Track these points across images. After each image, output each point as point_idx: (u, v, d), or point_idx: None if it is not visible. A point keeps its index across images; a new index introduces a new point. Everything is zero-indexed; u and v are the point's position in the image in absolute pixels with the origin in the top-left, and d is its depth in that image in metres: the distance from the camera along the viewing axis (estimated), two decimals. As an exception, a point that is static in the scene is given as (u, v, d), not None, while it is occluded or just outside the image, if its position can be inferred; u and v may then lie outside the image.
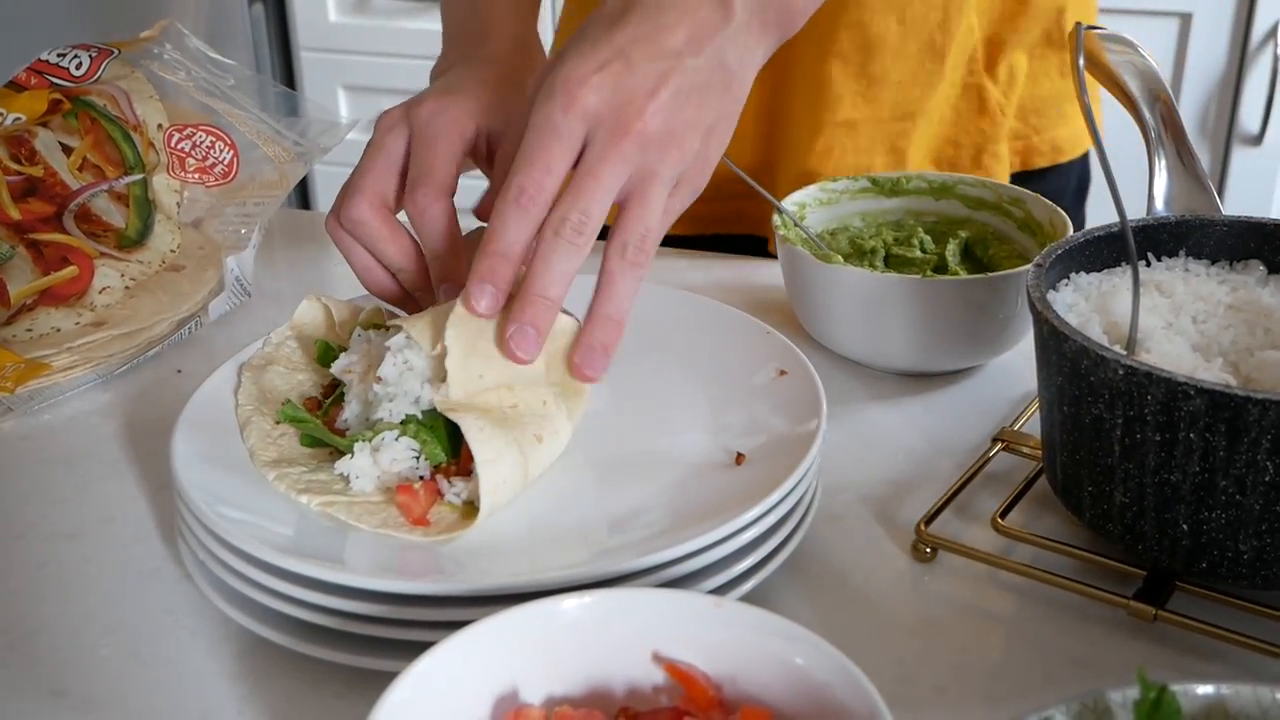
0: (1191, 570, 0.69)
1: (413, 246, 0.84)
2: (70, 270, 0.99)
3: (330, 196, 3.27)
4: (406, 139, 0.85)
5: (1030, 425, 0.86)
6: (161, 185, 1.08)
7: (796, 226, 1.00)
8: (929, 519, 0.77)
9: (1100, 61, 0.86)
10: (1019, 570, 0.74)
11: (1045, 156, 1.28)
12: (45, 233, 1.00)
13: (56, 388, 0.95)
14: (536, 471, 0.74)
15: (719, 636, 0.56)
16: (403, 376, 0.74)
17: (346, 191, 0.84)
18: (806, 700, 0.53)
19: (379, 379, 0.75)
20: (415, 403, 0.74)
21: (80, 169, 1.06)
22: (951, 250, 1.00)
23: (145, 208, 1.06)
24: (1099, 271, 0.80)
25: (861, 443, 0.88)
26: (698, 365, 0.87)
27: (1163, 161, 0.85)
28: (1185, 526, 0.67)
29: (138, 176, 1.06)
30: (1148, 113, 0.86)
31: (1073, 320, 0.74)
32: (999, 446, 0.84)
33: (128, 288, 1.02)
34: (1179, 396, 0.63)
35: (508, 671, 0.56)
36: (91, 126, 1.07)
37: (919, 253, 1.00)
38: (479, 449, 0.70)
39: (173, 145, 1.08)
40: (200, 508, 0.70)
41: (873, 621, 0.72)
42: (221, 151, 1.10)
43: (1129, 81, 0.86)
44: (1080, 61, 0.77)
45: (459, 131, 0.85)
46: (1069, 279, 0.79)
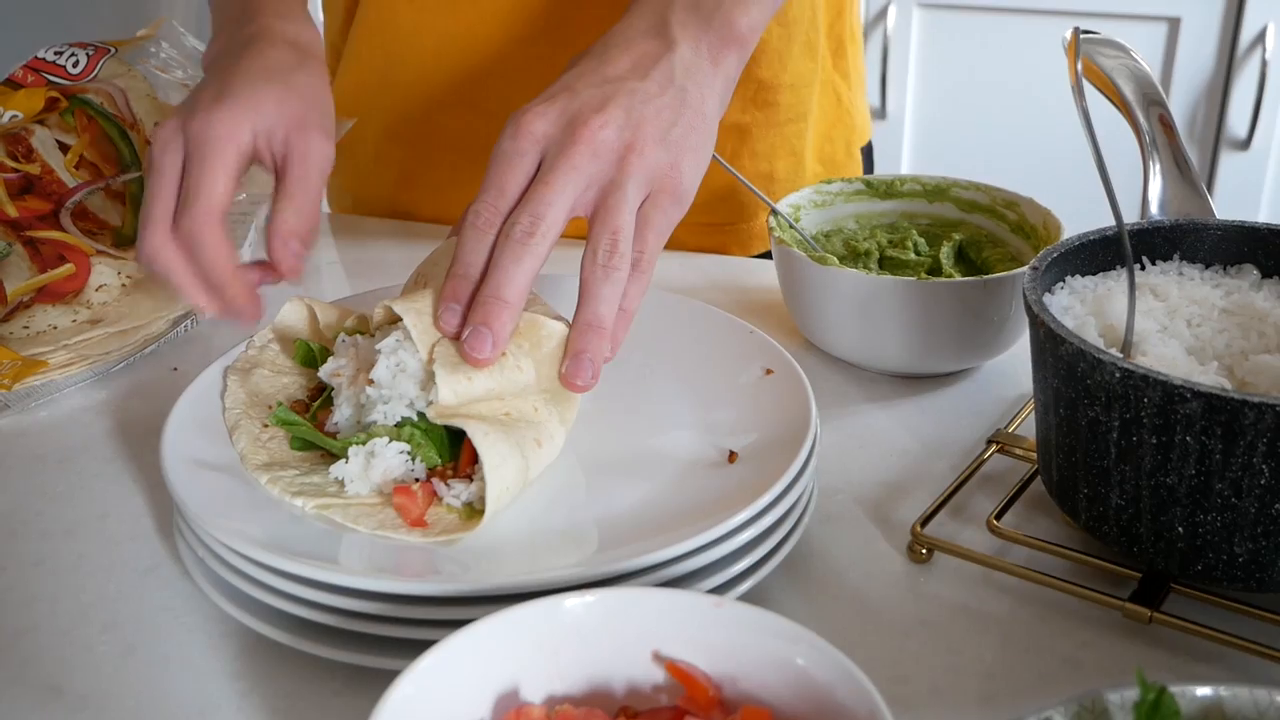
0: (1187, 572, 0.69)
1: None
2: (67, 268, 0.99)
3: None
4: (182, 155, 0.83)
5: (1025, 427, 0.87)
6: (157, 183, 1.07)
7: (791, 228, 1.00)
8: (925, 520, 0.78)
9: (1094, 67, 0.86)
10: (1014, 572, 0.74)
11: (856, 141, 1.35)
12: (42, 230, 1.00)
13: (53, 385, 0.95)
14: (534, 475, 0.74)
15: (719, 636, 0.56)
16: (396, 379, 0.75)
17: (141, 222, 0.83)
18: (807, 700, 0.54)
19: (371, 381, 0.75)
20: (410, 405, 0.74)
21: (77, 167, 1.06)
22: (945, 253, 1.00)
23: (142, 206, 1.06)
24: (1094, 275, 0.81)
25: (857, 444, 0.89)
26: (684, 366, 0.87)
27: (1157, 166, 0.85)
28: (1181, 529, 0.68)
29: (134, 174, 1.06)
30: (1142, 117, 0.86)
31: (1069, 323, 0.75)
32: (994, 448, 0.85)
33: (124, 285, 1.02)
34: (1175, 399, 0.64)
35: (509, 670, 0.56)
36: (88, 124, 1.07)
37: (913, 255, 1.00)
38: (486, 453, 0.70)
39: (169, 143, 1.07)
40: (193, 511, 0.70)
41: (868, 622, 0.72)
42: (217, 150, 1.09)
43: (1123, 86, 0.87)
44: (1079, 67, 0.78)
45: (232, 145, 0.83)
46: (1065, 282, 0.79)
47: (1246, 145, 2.37)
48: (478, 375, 0.74)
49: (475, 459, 0.73)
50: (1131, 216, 0.81)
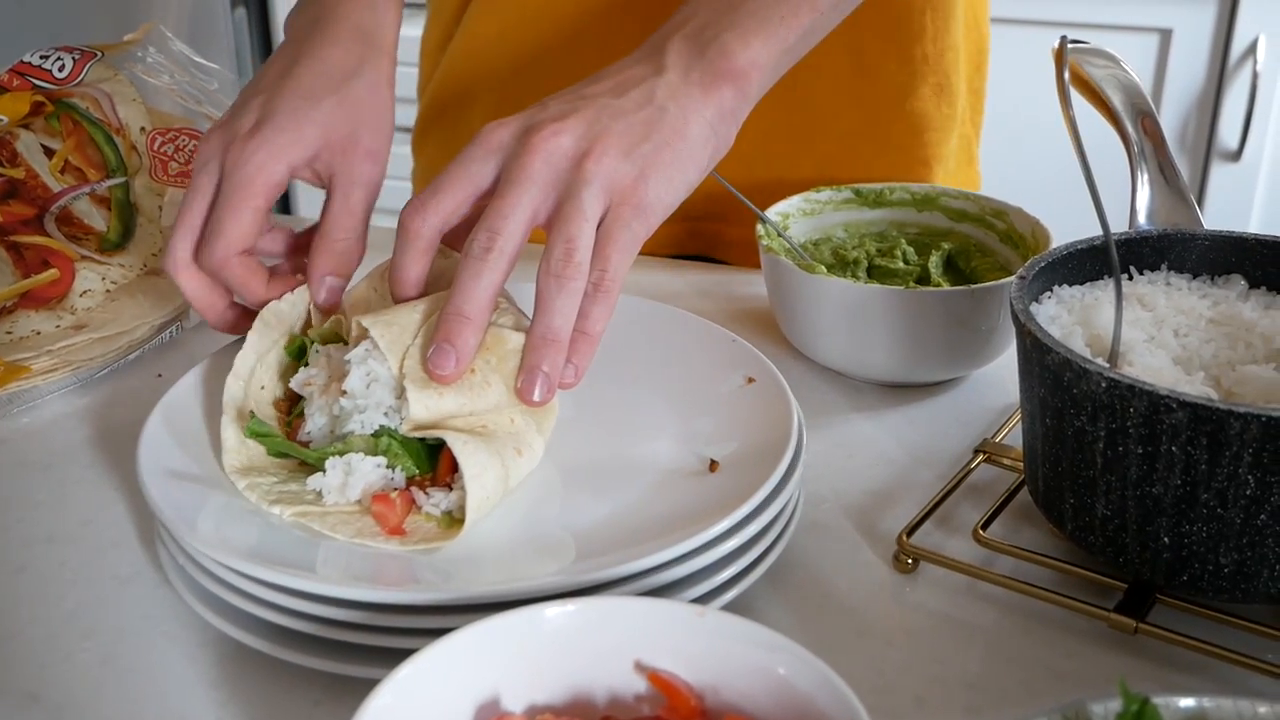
0: (1172, 583, 0.69)
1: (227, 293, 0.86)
2: (51, 273, 0.99)
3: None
4: (217, 180, 0.84)
5: (1012, 437, 0.86)
6: (143, 189, 1.07)
7: (780, 236, 1.00)
8: (910, 530, 0.77)
9: (1083, 76, 0.86)
10: (1000, 582, 0.74)
11: None
12: (26, 235, 1.00)
13: (36, 390, 0.94)
14: (514, 483, 0.74)
15: (701, 646, 0.56)
16: (370, 388, 0.74)
17: (171, 235, 0.84)
18: (788, 710, 0.53)
19: (344, 392, 0.75)
20: (387, 414, 0.74)
21: (62, 171, 1.05)
22: (934, 262, 1.00)
23: (127, 211, 1.06)
24: (1082, 284, 0.80)
25: (843, 453, 0.88)
26: (664, 374, 0.86)
27: (1145, 175, 0.85)
28: (1166, 539, 0.67)
29: (120, 179, 1.06)
30: (1130, 127, 0.86)
31: (1055, 333, 0.74)
32: (981, 458, 0.84)
33: (109, 291, 1.02)
34: (1161, 410, 0.64)
35: (489, 679, 0.55)
36: (74, 129, 1.06)
37: (902, 264, 1.00)
38: (465, 462, 0.70)
39: (155, 148, 1.07)
40: (170, 519, 0.69)
41: (853, 632, 0.72)
42: (204, 155, 1.09)
43: (1112, 96, 0.86)
44: (1065, 76, 0.77)
45: (263, 182, 0.83)
46: (1052, 291, 0.79)
47: (1237, 156, 2.38)
48: (447, 390, 0.74)
49: (454, 468, 0.73)
50: (1120, 226, 0.81)
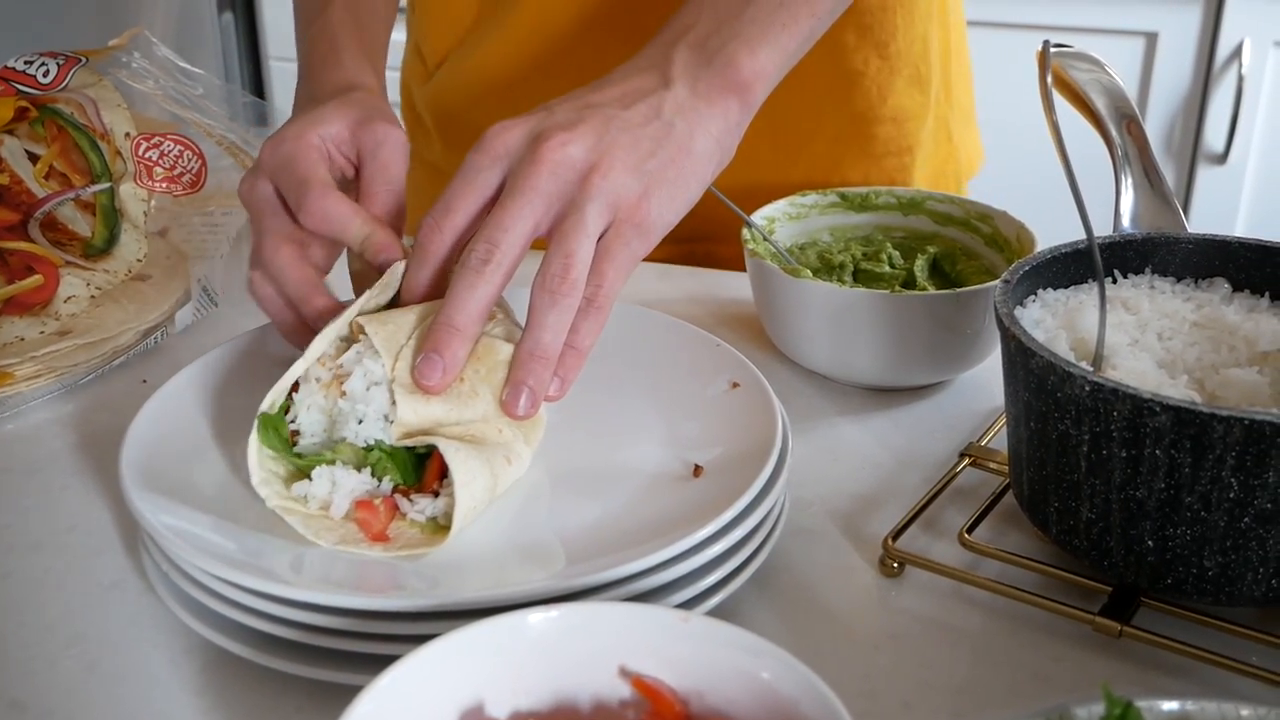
0: (1157, 586, 0.69)
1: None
2: (35, 279, 0.98)
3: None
4: (271, 185, 0.85)
5: (997, 441, 0.86)
6: (128, 194, 1.07)
7: (765, 240, 1.00)
8: (896, 534, 0.77)
9: (1067, 80, 0.86)
10: (985, 586, 0.74)
11: (965, 174, 1.38)
12: (10, 241, 1.00)
13: (20, 397, 0.94)
14: (500, 491, 0.74)
15: (686, 651, 0.56)
16: (370, 390, 0.74)
17: (255, 246, 0.85)
18: (773, 715, 0.53)
19: (344, 393, 0.74)
20: (385, 418, 0.73)
21: (46, 177, 1.05)
22: (920, 266, 1.00)
23: (112, 217, 1.06)
24: (1066, 288, 0.81)
25: (829, 457, 0.88)
26: (649, 379, 0.86)
27: (1129, 179, 0.85)
28: (1151, 542, 0.67)
29: (104, 185, 1.06)
30: (1114, 131, 0.86)
31: (1040, 336, 0.75)
32: (966, 462, 0.85)
33: (93, 297, 1.01)
34: (1145, 413, 0.64)
35: (473, 686, 0.55)
36: (58, 134, 1.06)
37: (887, 268, 1.00)
38: (457, 469, 0.69)
39: (140, 154, 1.07)
40: (153, 523, 0.69)
41: (839, 636, 0.72)
42: (189, 161, 1.09)
43: (1095, 99, 0.87)
44: (1048, 79, 0.78)
45: (307, 147, 0.84)
46: (1036, 295, 0.79)
47: (1223, 159, 2.38)
48: (435, 397, 0.73)
49: (441, 475, 0.73)
50: (1104, 230, 0.81)
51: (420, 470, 0.74)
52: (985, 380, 0.97)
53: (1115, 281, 0.81)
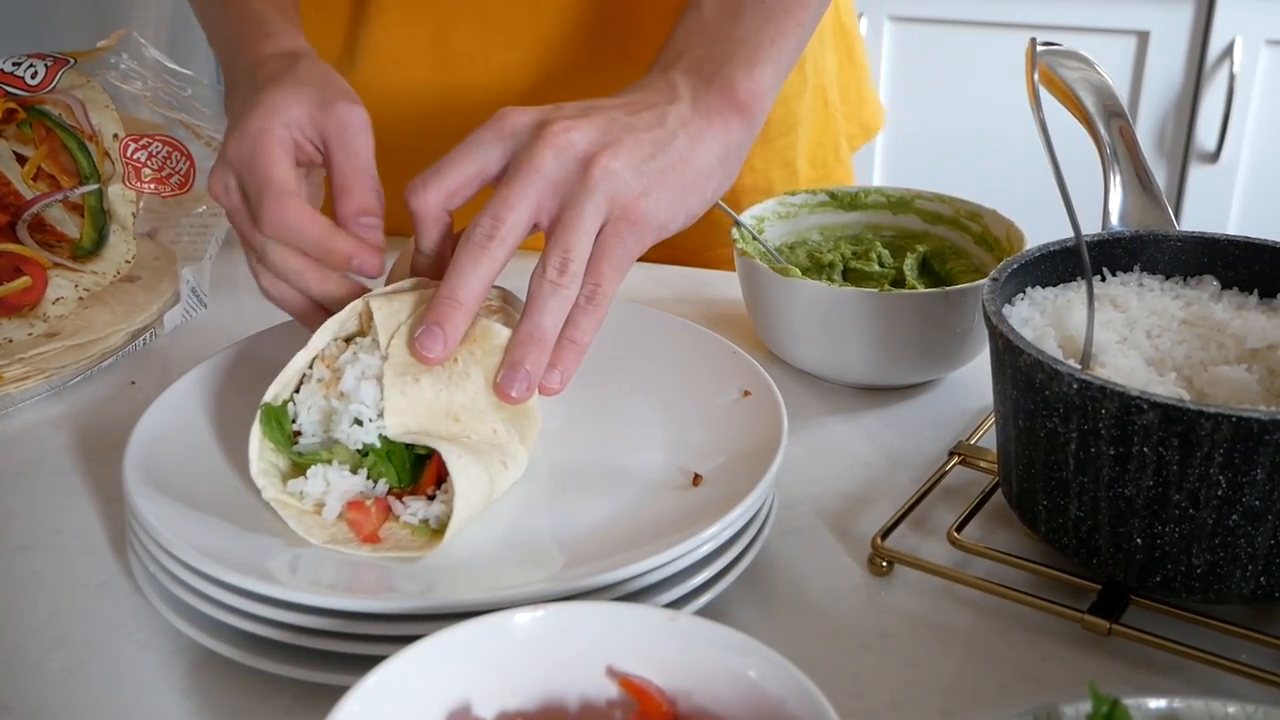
0: (1146, 584, 0.69)
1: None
2: (23, 280, 0.98)
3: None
4: (237, 180, 0.83)
5: (986, 439, 0.86)
6: (117, 195, 1.07)
7: (755, 240, 1.00)
8: (885, 533, 0.77)
9: (1055, 78, 0.86)
10: (974, 584, 0.74)
11: (858, 138, 1.37)
12: (-2, 242, 0.99)
13: (8, 399, 0.94)
14: (496, 497, 0.74)
15: (673, 650, 0.55)
16: (360, 385, 0.73)
17: (258, 251, 0.82)
18: (760, 714, 0.53)
19: (342, 395, 0.74)
20: (380, 416, 0.73)
21: (34, 179, 1.05)
22: (909, 264, 1.00)
23: (100, 218, 1.05)
24: (1054, 286, 0.81)
25: (818, 456, 0.88)
26: (662, 383, 0.86)
27: (1117, 177, 0.85)
28: (1139, 540, 0.67)
29: (93, 186, 1.05)
30: (1103, 128, 0.86)
31: (1028, 334, 0.75)
32: (955, 460, 0.84)
33: (81, 298, 1.01)
34: (1133, 411, 0.64)
35: (460, 686, 0.55)
36: (46, 136, 1.06)
37: (877, 267, 1.00)
38: (459, 478, 0.69)
39: (128, 155, 1.07)
40: (151, 522, 0.69)
41: (828, 635, 0.72)
42: (178, 162, 1.09)
43: (1084, 97, 0.87)
44: (1035, 77, 0.77)
45: (269, 139, 0.81)
46: (1025, 293, 0.79)
47: (1215, 158, 2.39)
48: (424, 376, 0.73)
49: (436, 480, 0.72)
50: (1092, 228, 0.81)
51: (417, 472, 0.73)
52: (974, 379, 0.97)
53: (1104, 279, 0.81)
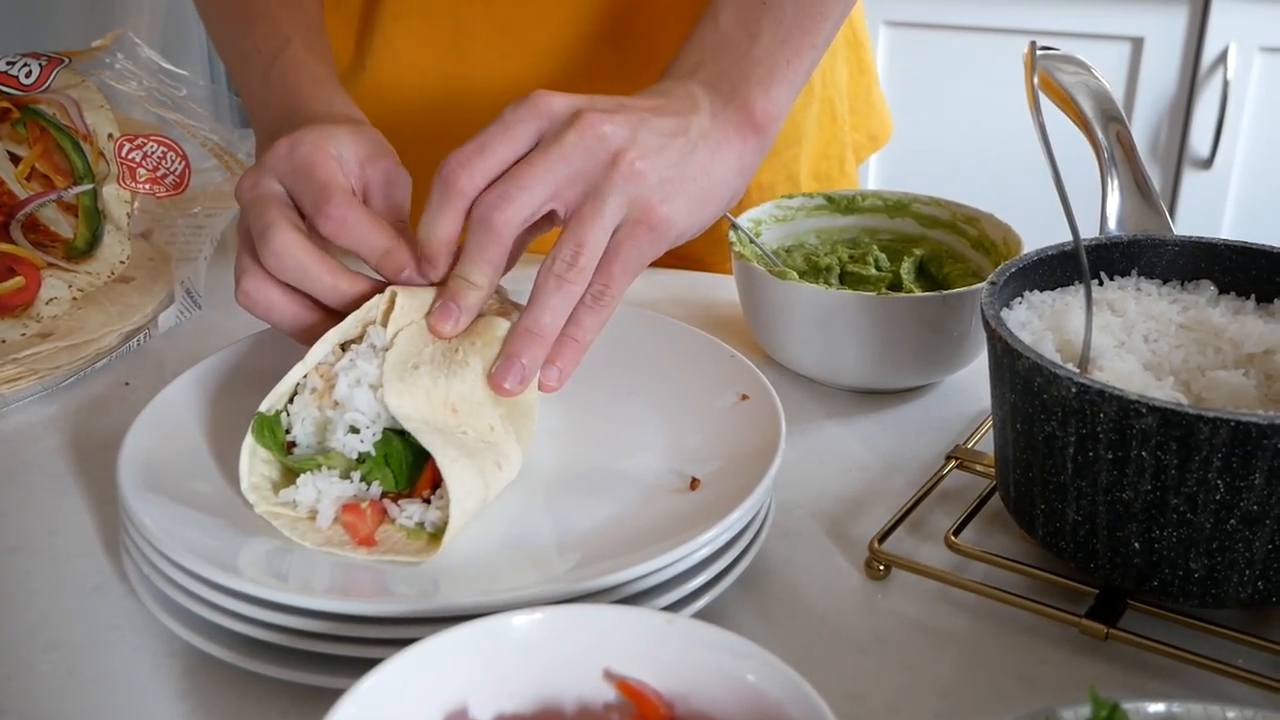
0: (1143, 588, 0.69)
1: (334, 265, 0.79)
2: (16, 281, 0.98)
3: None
4: (278, 181, 0.80)
5: (984, 443, 0.86)
6: (111, 196, 1.06)
7: (752, 243, 1.00)
8: (882, 536, 0.77)
9: (1053, 82, 0.86)
10: (971, 588, 0.74)
11: (865, 148, 1.36)
12: (-9, 242, 0.99)
13: (1, 399, 0.94)
14: (491, 499, 0.73)
15: (671, 653, 0.55)
16: (353, 392, 0.73)
17: (258, 239, 0.77)
18: (758, 717, 0.53)
19: (336, 404, 0.74)
20: (371, 426, 0.73)
21: (28, 178, 1.04)
22: (906, 268, 1.00)
23: (94, 218, 1.05)
24: (1052, 290, 0.80)
25: (816, 459, 0.88)
26: (660, 386, 0.86)
27: (1115, 181, 0.85)
28: (1137, 544, 0.67)
29: (87, 186, 1.05)
30: (1101, 133, 0.86)
31: (1026, 338, 0.74)
32: (953, 464, 0.84)
33: (75, 299, 1.01)
34: (1131, 415, 0.63)
35: (457, 688, 0.55)
36: (40, 135, 1.05)
37: (874, 270, 1.00)
38: (453, 484, 0.69)
39: (123, 155, 1.06)
40: (146, 524, 0.68)
41: (825, 639, 0.71)
42: (173, 162, 1.08)
43: (1082, 102, 0.87)
44: (1035, 82, 0.77)
45: (324, 154, 0.79)
46: (1022, 297, 0.79)
47: (1209, 164, 2.39)
48: (424, 364, 0.73)
49: (432, 484, 0.72)
50: (1090, 232, 0.81)
51: (414, 475, 0.73)
52: (972, 383, 0.97)
53: (1101, 283, 0.81)
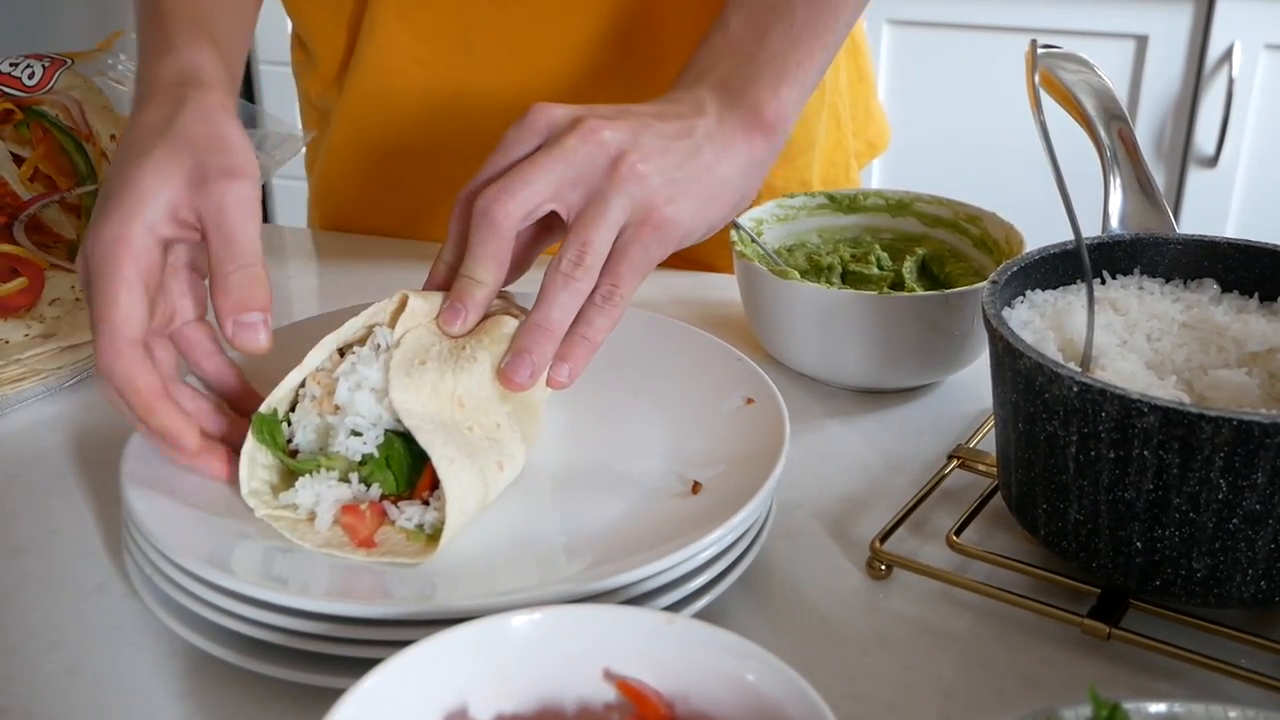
0: (1145, 588, 0.69)
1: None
2: (20, 282, 0.98)
3: (287, 209, 3.22)
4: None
5: (986, 442, 0.86)
6: (114, 196, 1.06)
7: (753, 242, 1.00)
8: (884, 536, 0.77)
9: (1055, 80, 0.86)
10: (973, 588, 0.73)
11: (864, 155, 1.36)
12: (-6, 244, 0.99)
13: (4, 400, 0.94)
14: (491, 499, 0.73)
15: (671, 653, 0.55)
16: (354, 396, 0.73)
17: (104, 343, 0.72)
18: (758, 718, 0.53)
19: (337, 409, 0.73)
20: (373, 428, 0.72)
21: (31, 179, 1.04)
22: (908, 267, 1.00)
23: (97, 219, 1.05)
24: (1054, 289, 0.80)
25: (818, 459, 0.88)
26: (665, 389, 0.86)
27: (1117, 180, 0.85)
28: (1139, 544, 0.67)
29: (90, 187, 1.05)
30: (1103, 131, 0.86)
31: (1028, 337, 0.74)
32: (954, 464, 0.84)
33: (78, 300, 1.01)
34: (1133, 414, 0.63)
35: (457, 689, 0.55)
36: (43, 137, 1.05)
37: (876, 269, 1.00)
38: (450, 485, 0.69)
39: (126, 156, 1.06)
40: (148, 525, 0.68)
41: (826, 639, 0.71)
42: (175, 163, 1.08)
43: (1084, 100, 0.86)
44: (1036, 79, 0.77)
45: (122, 257, 0.71)
46: (1024, 296, 0.79)
47: (1214, 162, 2.38)
48: (431, 360, 0.74)
49: (432, 485, 0.72)
50: (1092, 231, 0.81)
51: (413, 477, 0.73)
52: (974, 382, 0.97)
53: (1104, 282, 0.81)
